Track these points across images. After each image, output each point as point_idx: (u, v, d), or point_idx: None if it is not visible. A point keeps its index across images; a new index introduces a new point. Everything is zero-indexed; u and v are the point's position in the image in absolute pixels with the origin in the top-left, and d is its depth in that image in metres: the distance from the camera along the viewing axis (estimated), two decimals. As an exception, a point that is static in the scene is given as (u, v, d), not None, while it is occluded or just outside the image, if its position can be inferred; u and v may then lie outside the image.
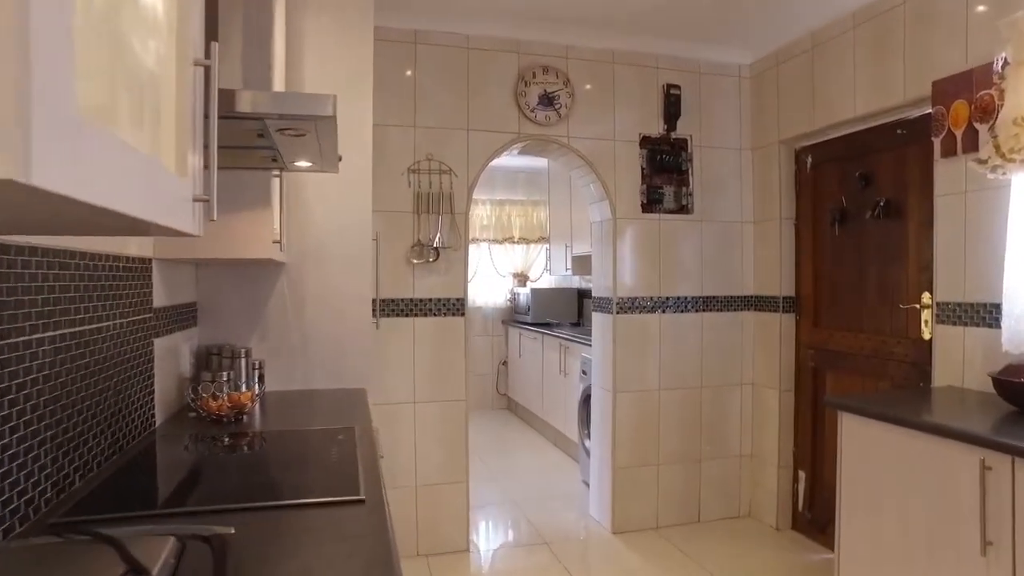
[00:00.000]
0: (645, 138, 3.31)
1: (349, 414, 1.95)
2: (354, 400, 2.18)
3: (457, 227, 3.03)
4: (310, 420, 1.90)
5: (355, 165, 2.41)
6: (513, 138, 3.12)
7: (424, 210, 2.99)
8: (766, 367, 3.36)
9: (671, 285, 3.35)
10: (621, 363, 3.27)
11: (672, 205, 3.36)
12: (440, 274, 3.02)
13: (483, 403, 6.49)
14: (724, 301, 3.44)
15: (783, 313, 3.26)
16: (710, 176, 3.41)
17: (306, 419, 1.93)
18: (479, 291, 6.43)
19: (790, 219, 3.26)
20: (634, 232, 3.29)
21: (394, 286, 2.96)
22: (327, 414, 2.00)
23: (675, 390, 3.36)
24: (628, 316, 3.27)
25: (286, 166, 1.63)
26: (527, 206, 6.51)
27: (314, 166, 1.66)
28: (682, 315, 3.36)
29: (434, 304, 3.01)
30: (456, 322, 3.04)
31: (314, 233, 2.37)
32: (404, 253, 2.97)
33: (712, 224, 3.41)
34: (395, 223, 2.96)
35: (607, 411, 3.31)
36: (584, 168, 3.29)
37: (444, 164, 3.01)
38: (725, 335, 3.44)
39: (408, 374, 2.99)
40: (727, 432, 3.45)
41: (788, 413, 3.27)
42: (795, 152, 3.25)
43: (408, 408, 2.99)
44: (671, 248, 3.34)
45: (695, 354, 3.39)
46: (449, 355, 3.04)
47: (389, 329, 2.96)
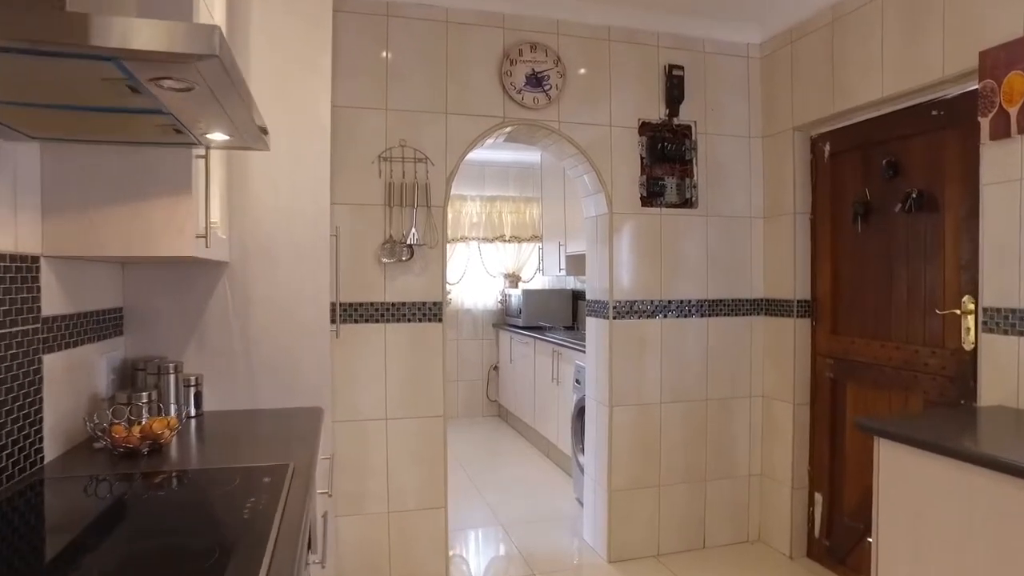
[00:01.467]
0: (645, 124, 2.99)
1: (291, 444, 1.62)
2: (304, 424, 1.85)
3: (434, 222, 2.70)
4: (241, 452, 1.57)
5: (310, 149, 2.08)
6: (497, 123, 2.79)
7: (397, 203, 2.66)
8: (778, 378, 3.04)
9: (673, 287, 3.02)
10: (618, 374, 2.94)
11: (674, 198, 3.04)
12: (415, 275, 2.69)
13: (472, 410, 6.17)
14: (732, 305, 3.11)
15: (797, 318, 2.94)
16: (716, 166, 3.09)
17: (237, 451, 1.60)
18: (468, 292, 6.11)
19: (805, 214, 2.94)
20: (632, 228, 2.96)
21: (362, 288, 2.63)
22: (265, 443, 1.67)
23: (678, 403, 3.03)
24: (626, 321, 2.95)
25: (199, 140, 1.30)
26: (519, 203, 6.18)
27: (233, 140, 1.33)
28: (685, 320, 3.04)
29: (408, 309, 2.69)
30: (433, 329, 2.72)
31: (262, 227, 2.04)
32: (374, 251, 2.64)
33: (718, 219, 3.09)
34: (364, 217, 2.63)
35: (602, 427, 2.99)
36: (577, 157, 2.97)
37: (420, 152, 2.69)
38: (733, 342, 3.12)
39: (379, 387, 2.66)
40: (735, 449, 3.13)
41: (803, 429, 2.95)
42: (811, 140, 2.93)
43: (379, 426, 2.67)
44: (673, 246, 3.02)
45: (699, 363, 3.07)
46: (425, 366, 2.71)
47: (356, 337, 2.63)
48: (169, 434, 1.50)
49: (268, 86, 2.04)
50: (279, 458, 1.45)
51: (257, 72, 2.02)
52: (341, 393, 2.61)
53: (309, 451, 1.55)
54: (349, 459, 2.62)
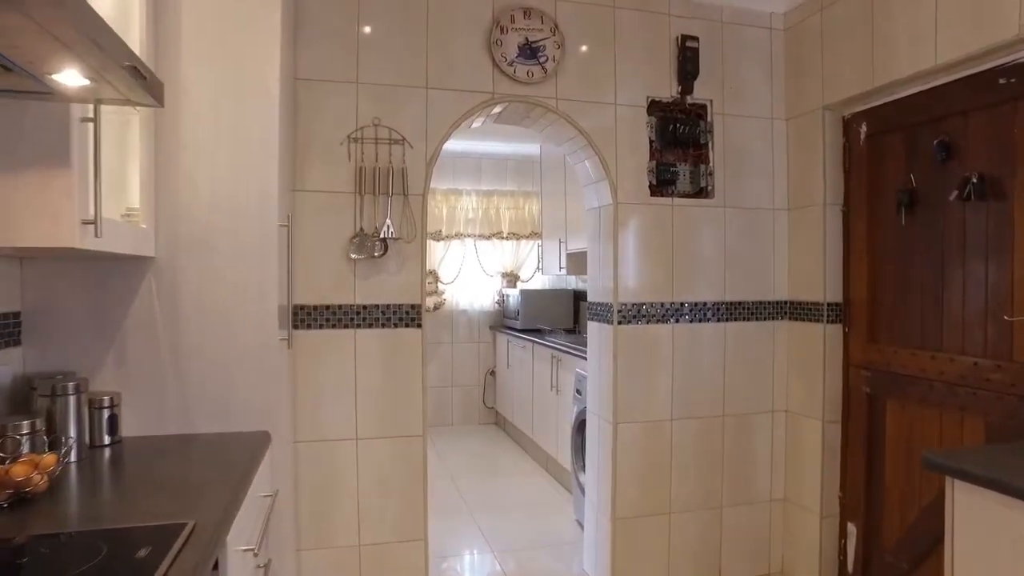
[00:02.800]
0: (655, 103, 2.63)
1: (208, 488, 1.27)
2: (239, 455, 1.50)
3: (411, 212, 2.35)
4: (133, 503, 1.22)
5: (254, 122, 1.74)
6: (486, 99, 2.44)
7: (369, 191, 2.31)
8: (805, 391, 2.68)
9: (686, 288, 2.67)
10: (624, 386, 2.59)
11: (688, 187, 2.68)
12: (390, 273, 2.34)
13: (468, 418, 5.82)
14: (752, 308, 2.76)
15: (827, 323, 2.57)
16: (735, 151, 2.73)
17: (129, 501, 1.25)
18: (464, 292, 5.76)
19: (837, 205, 2.58)
20: (640, 221, 2.61)
21: (328, 289, 2.28)
22: (174, 487, 1.31)
23: (691, 420, 2.67)
24: (632, 327, 2.59)
25: (43, 81, 0.95)
26: (517, 197, 5.83)
27: (98, 87, 0.98)
28: (700, 325, 2.68)
29: (382, 312, 2.34)
30: (411, 336, 2.36)
31: (197, 216, 1.69)
32: (342, 246, 2.29)
33: (737, 211, 2.73)
34: (330, 207, 2.28)
35: (605, 446, 2.63)
36: (577, 140, 2.61)
37: (396, 132, 2.34)
38: (753, 351, 2.76)
39: (348, 402, 2.31)
40: (755, 472, 2.77)
41: (833, 450, 2.59)
42: (844, 120, 2.57)
43: (348, 447, 2.32)
44: (686, 241, 2.66)
45: (716, 374, 2.71)
46: (402, 378, 2.36)
47: (321, 345, 2.28)
48: (40, 480, 1.15)
49: (201, 44, 1.69)
50: (180, 511, 1.10)
51: (188, 26, 1.67)
52: (304, 409, 2.27)
53: (228, 498, 1.20)
54: (314, 485, 2.27)
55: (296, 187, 2.25)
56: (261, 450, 1.61)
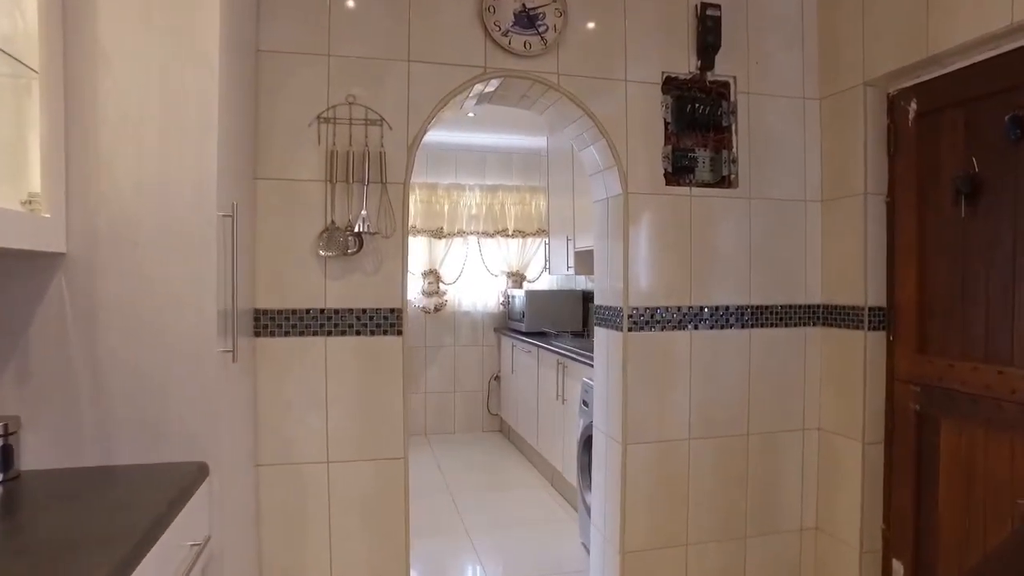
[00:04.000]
0: (670, 80, 2.32)
1: (97, 547, 0.98)
2: (157, 495, 1.21)
3: (390, 203, 2.05)
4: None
5: (189, 95, 1.45)
6: (477, 74, 2.14)
7: (341, 178, 2.02)
8: (841, 407, 2.36)
9: (706, 290, 2.35)
10: (634, 401, 2.28)
11: (708, 176, 2.36)
12: (366, 273, 2.05)
13: (471, 425, 5.53)
14: (781, 312, 2.43)
15: (869, 331, 2.25)
16: (762, 135, 2.41)
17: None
18: (467, 293, 5.47)
19: (880, 195, 2.25)
20: (654, 214, 2.30)
21: (293, 290, 2.00)
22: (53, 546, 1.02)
23: (711, 439, 2.36)
24: (645, 334, 2.28)
25: None
26: (524, 193, 5.53)
27: None
28: (721, 332, 2.36)
29: (356, 317, 2.04)
30: (390, 344, 2.07)
31: (118, 204, 1.41)
32: (310, 242, 2.00)
33: (764, 203, 2.41)
34: (296, 197, 2.00)
35: (613, 470, 2.33)
36: (582, 122, 2.30)
37: (373, 111, 2.04)
38: (782, 361, 2.43)
39: (318, 420, 2.02)
40: (784, 497, 2.44)
41: (875, 475, 2.27)
42: (889, 97, 2.24)
43: (318, 471, 2.03)
44: (706, 236, 2.35)
45: (739, 388, 2.39)
46: (380, 392, 2.07)
47: (287, 354, 1.99)
48: None
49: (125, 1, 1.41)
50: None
51: (103, -26, 1.39)
52: (268, 428, 1.98)
53: (120, 559, 0.91)
54: (279, 516, 1.99)
55: (258, 174, 1.96)
56: (192, 486, 1.32)
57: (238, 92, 1.73)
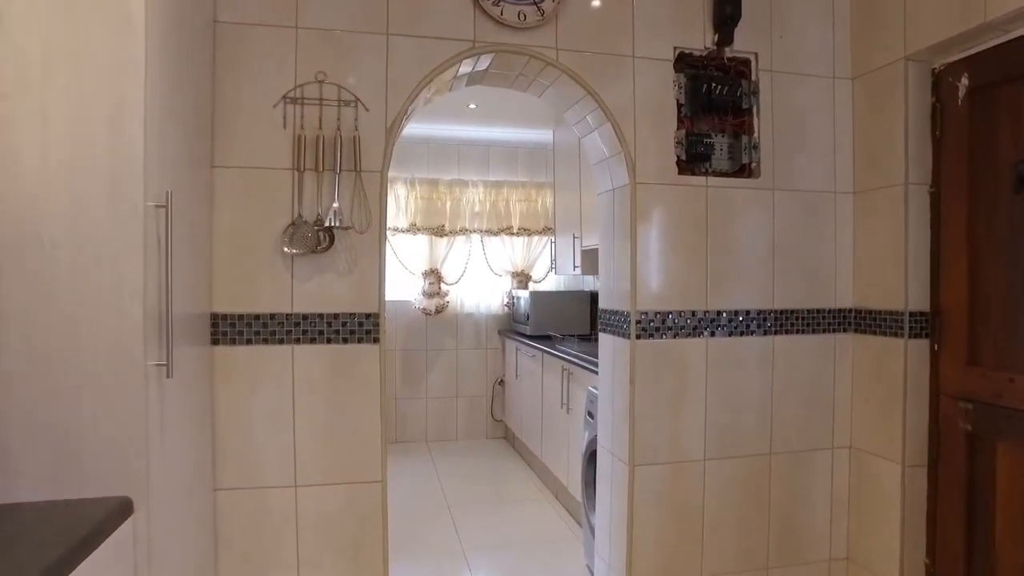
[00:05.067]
0: (684, 56, 2.07)
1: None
2: (62, 538, 0.98)
3: (365, 194, 1.82)
4: None
5: (107, 63, 1.22)
6: (464, 49, 1.90)
7: (310, 166, 1.78)
8: (877, 424, 2.09)
9: (724, 292, 2.10)
10: (644, 417, 2.03)
11: (726, 164, 2.11)
12: (338, 273, 1.82)
13: (474, 432, 5.29)
14: (808, 317, 2.17)
15: (909, 339, 1.98)
16: (787, 118, 2.15)
17: None
18: (469, 293, 5.23)
19: (923, 185, 1.99)
20: (666, 206, 2.05)
21: (254, 293, 1.77)
22: None
23: (729, 459, 2.10)
24: (655, 342, 2.03)
25: None
26: (529, 189, 5.28)
27: None
28: (741, 340, 2.11)
29: (327, 323, 1.81)
30: (365, 354, 1.84)
31: (16, 192, 1.18)
32: (274, 238, 1.77)
33: (789, 195, 2.15)
34: (258, 187, 1.77)
35: (619, 493, 2.08)
36: (585, 104, 2.06)
37: (347, 91, 1.81)
38: (809, 371, 2.17)
39: (284, 439, 1.79)
40: (810, 524, 2.18)
41: (918, 501, 2.00)
42: (934, 73, 1.97)
43: (285, 497, 1.80)
44: (724, 232, 2.09)
45: (761, 401, 2.13)
46: (354, 408, 1.83)
47: (248, 365, 1.77)
48: None
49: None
50: None
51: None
52: (229, 447, 1.75)
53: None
54: (240, 547, 1.76)
55: (216, 162, 1.74)
56: (106, 527, 1.09)
57: (185, 67, 1.51)
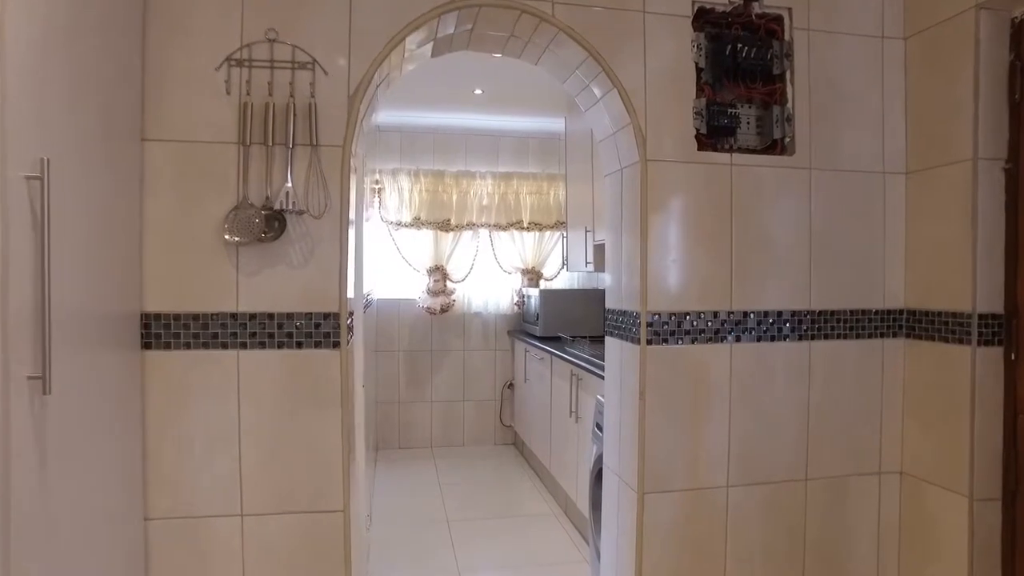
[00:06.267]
0: (704, 12, 1.76)
1: None
2: None
3: (323, 173, 1.54)
4: None
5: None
6: (445, 1, 1.61)
7: (258, 139, 1.51)
8: (935, 446, 1.76)
9: (751, 290, 1.78)
10: (656, 436, 1.72)
11: (754, 139, 1.80)
12: (291, 265, 1.55)
13: (482, 437, 5.01)
14: (851, 320, 1.85)
15: (978, 346, 1.65)
16: (826, 85, 1.83)
17: None
18: (477, 292, 4.95)
19: (997, 160, 1.65)
20: (683, 188, 1.74)
21: (195, 288, 1.50)
22: None
23: (757, 486, 1.79)
24: (670, 348, 1.73)
25: None
26: (541, 181, 4.98)
27: None
28: (772, 346, 1.79)
29: (279, 324, 1.54)
30: (324, 360, 1.56)
31: None
32: (215, 223, 1.50)
33: (830, 175, 1.83)
34: (198, 164, 1.50)
35: (627, 524, 1.78)
36: (588, 68, 1.76)
37: (302, 51, 1.54)
38: (852, 382, 1.85)
39: (227, 461, 1.53)
40: (853, 562, 1.86)
41: (988, 542, 1.67)
42: (1014, 24, 1.64)
43: (228, 527, 1.53)
44: (752, 219, 1.78)
45: (795, 418, 1.81)
46: (312, 423, 1.56)
47: (187, 373, 1.50)
48: None
49: None
50: None
51: None
52: (162, 468, 1.49)
53: None
54: (175, 586, 1.50)
55: (147, 134, 1.48)
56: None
57: (90, 12, 1.24)
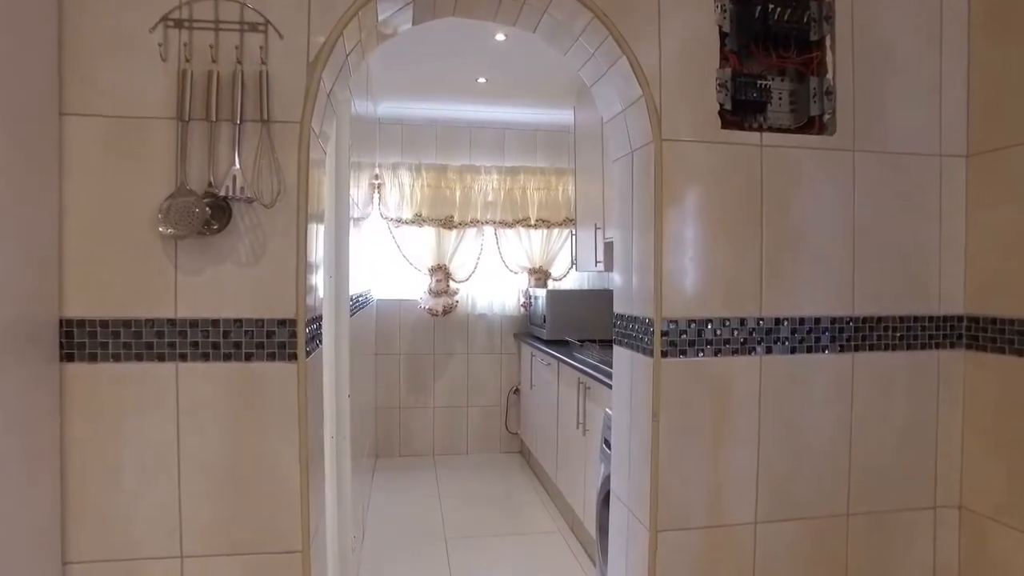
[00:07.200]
0: (729, -34, 1.50)
1: None
2: None
3: (276, 155, 1.30)
4: None
5: None
6: (420, -47, 1.38)
7: (200, 114, 1.28)
8: (1003, 478, 1.49)
9: (785, 293, 1.52)
10: (672, 464, 1.47)
11: (787, 116, 1.54)
12: (238, 263, 1.31)
13: (488, 445, 4.77)
14: (901, 328, 1.58)
15: (1057, 361, 1.38)
16: (873, 53, 1.56)
17: None
18: (482, 292, 4.71)
19: (1080, 139, 1.39)
20: (704, 173, 1.48)
21: (124, 290, 1.27)
22: None
23: (790, 522, 1.53)
24: (689, 362, 1.47)
25: None
26: (549, 176, 4.73)
27: None
28: (808, 358, 1.53)
29: (225, 332, 1.30)
30: (278, 375, 1.32)
31: None
32: (148, 213, 1.27)
33: (877, 159, 1.56)
34: (128, 143, 1.27)
35: (637, 566, 1.52)
36: (592, 32, 1.51)
37: (252, 8, 1.30)
38: (902, 401, 1.58)
39: (164, 491, 1.30)
40: (904, 613, 1.60)
41: (1066, 594, 1.40)
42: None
43: (166, 571, 1.30)
44: (785, 209, 1.52)
45: (835, 443, 1.55)
46: (264, 449, 1.32)
47: (117, 389, 1.27)
48: None
49: None
50: None
51: None
52: (85, 502, 1.27)
53: None
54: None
55: (66, 107, 1.25)
56: None
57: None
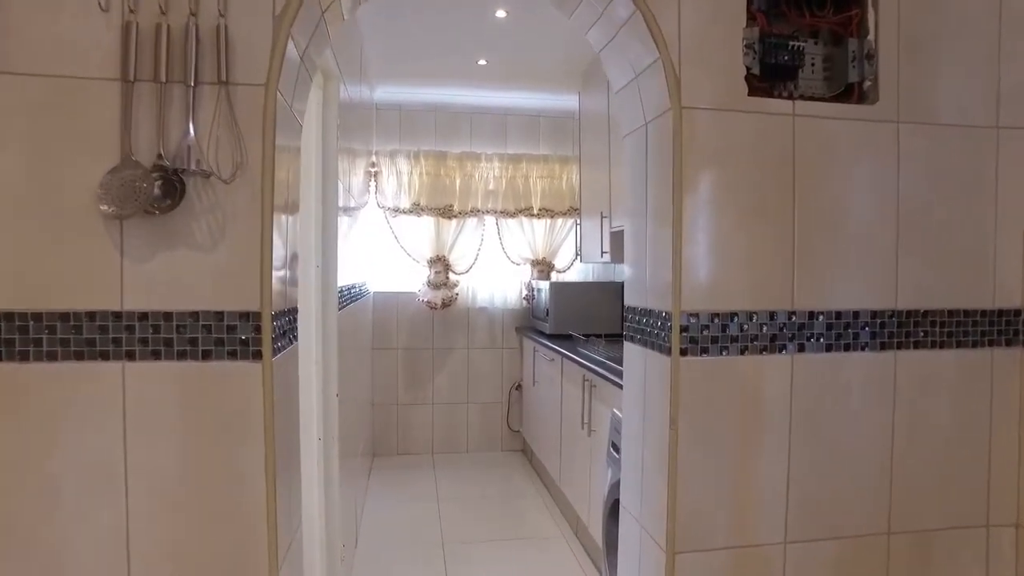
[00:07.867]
0: (758, -89, 1.31)
1: None
2: None
3: (237, 122, 1.12)
4: None
5: None
6: None
7: (147, 75, 1.10)
8: (1068, 495, 1.32)
9: (819, 284, 1.34)
10: (690, 477, 1.30)
11: (821, 84, 1.35)
12: (194, 247, 1.13)
13: (489, 444, 4.61)
14: (951, 324, 1.40)
15: None
16: (919, 13, 1.37)
17: None
18: (483, 284, 4.54)
19: None
20: (728, 147, 1.30)
21: (62, 279, 1.10)
22: None
23: (824, 543, 1.36)
24: (710, 361, 1.30)
25: None
26: (553, 164, 4.55)
27: None
28: (844, 357, 1.35)
29: (179, 327, 1.13)
30: (241, 376, 1.15)
31: None
32: (90, 191, 1.10)
33: (924, 131, 1.38)
34: (63, 108, 1.09)
35: (652, 590, 1.35)
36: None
37: (211, -46, 1.12)
38: (950, 406, 1.41)
39: (109, 514, 1.13)
40: (951, 643, 1.42)
41: None
42: None
43: (112, 602, 1.13)
44: (820, 189, 1.34)
45: (875, 452, 1.37)
46: (226, 462, 1.15)
47: (53, 393, 1.10)
48: None
49: None
50: None
51: None
52: (13, 526, 1.10)
53: None
54: None
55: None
56: None
57: None
